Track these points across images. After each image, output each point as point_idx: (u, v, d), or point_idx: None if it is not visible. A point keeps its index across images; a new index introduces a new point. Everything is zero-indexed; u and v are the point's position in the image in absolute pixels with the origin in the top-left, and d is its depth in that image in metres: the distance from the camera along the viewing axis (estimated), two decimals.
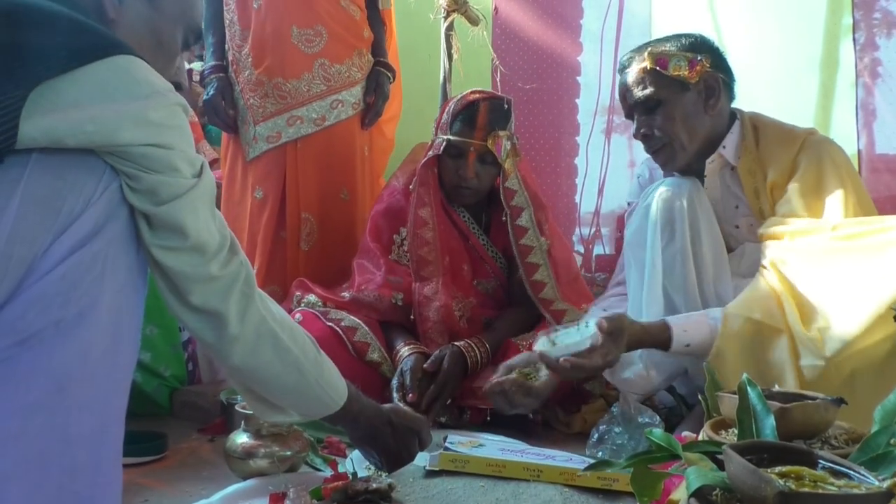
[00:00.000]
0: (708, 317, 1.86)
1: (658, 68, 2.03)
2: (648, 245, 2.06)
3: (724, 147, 2.07)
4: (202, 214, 1.15)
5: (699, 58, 2.04)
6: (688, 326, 1.84)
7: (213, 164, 3.27)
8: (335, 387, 1.42)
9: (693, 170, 2.10)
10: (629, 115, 2.13)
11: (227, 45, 2.76)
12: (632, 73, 2.08)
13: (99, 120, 1.03)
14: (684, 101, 2.04)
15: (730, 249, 2.10)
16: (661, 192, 2.06)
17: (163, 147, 1.08)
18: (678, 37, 2.10)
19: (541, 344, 1.89)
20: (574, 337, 1.87)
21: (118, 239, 1.10)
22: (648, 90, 2.04)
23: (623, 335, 1.83)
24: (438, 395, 2.10)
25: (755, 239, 2.03)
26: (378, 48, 2.84)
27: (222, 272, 1.19)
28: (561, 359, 1.82)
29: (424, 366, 2.15)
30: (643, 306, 2.04)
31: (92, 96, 1.04)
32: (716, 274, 2.03)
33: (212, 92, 2.69)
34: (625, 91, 2.11)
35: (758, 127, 2.09)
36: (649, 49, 2.06)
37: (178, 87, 1.28)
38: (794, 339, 1.74)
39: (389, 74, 2.84)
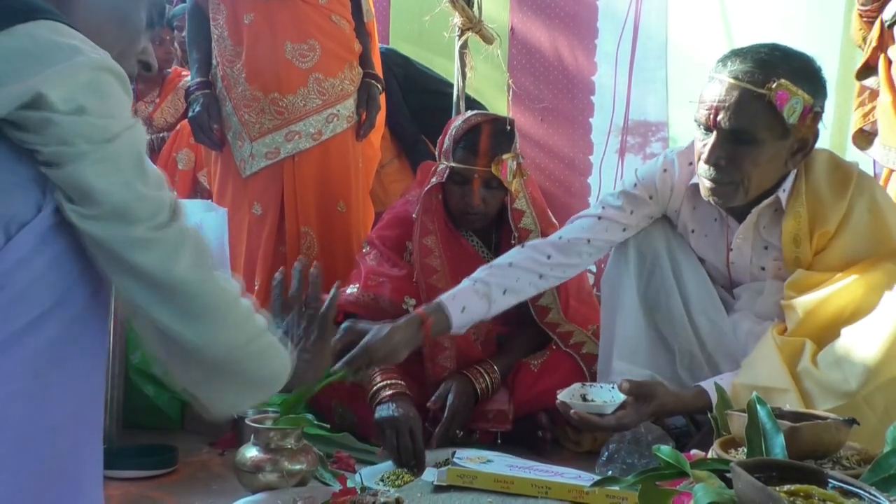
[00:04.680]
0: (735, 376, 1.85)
1: (776, 103, 1.75)
2: (621, 285, 2.07)
3: (783, 190, 1.89)
4: (115, 176, 1.05)
5: (816, 108, 1.80)
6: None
7: None
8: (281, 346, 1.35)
9: (734, 209, 1.97)
10: (709, 127, 1.84)
11: (214, 61, 2.75)
12: (742, 90, 1.78)
13: (3, 91, 0.98)
14: (776, 149, 1.81)
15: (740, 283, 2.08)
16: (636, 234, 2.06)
17: (67, 114, 1.01)
18: (806, 62, 1.84)
19: (567, 393, 1.84)
20: (605, 396, 1.84)
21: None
22: (750, 126, 1.78)
23: (651, 402, 1.78)
24: (447, 431, 2.07)
25: (780, 279, 1.97)
26: (366, 60, 2.86)
27: (152, 235, 1.08)
28: (572, 411, 1.77)
29: (428, 404, 2.10)
30: (614, 344, 2.06)
31: (8, 66, 0.99)
32: (704, 304, 2.03)
33: (197, 109, 2.69)
34: (721, 103, 1.80)
35: (807, 161, 1.91)
36: (781, 79, 1.76)
37: (147, 67, 1.26)
38: (801, 390, 1.72)
39: (379, 86, 2.86)
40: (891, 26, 2.43)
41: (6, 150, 1.02)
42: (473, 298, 1.96)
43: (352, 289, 2.28)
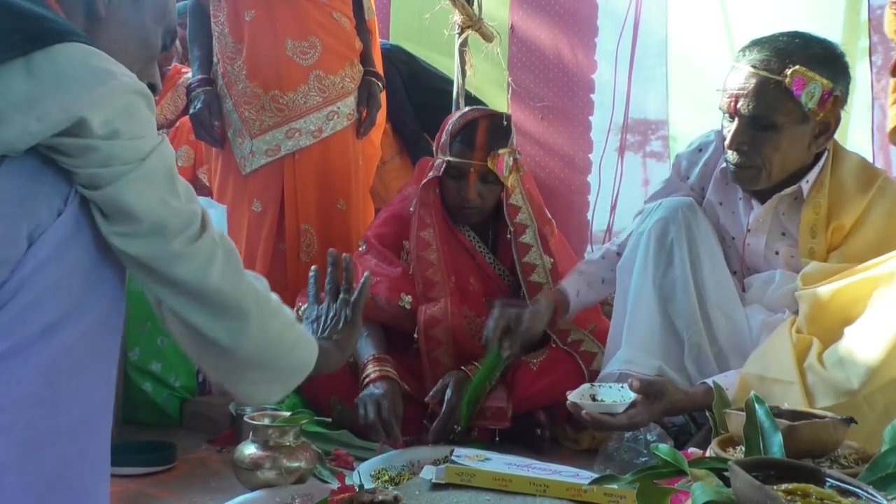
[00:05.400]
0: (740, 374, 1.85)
1: (793, 89, 1.81)
2: (636, 271, 2.07)
3: (806, 181, 1.94)
4: (151, 193, 1.10)
5: (836, 92, 1.84)
6: (728, 385, 1.79)
7: None
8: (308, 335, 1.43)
9: (759, 192, 2.00)
10: (731, 114, 1.91)
11: (215, 58, 2.75)
12: (760, 77, 1.85)
13: (45, 117, 1.01)
14: (796, 133, 1.87)
15: (757, 270, 2.08)
16: (656, 218, 2.07)
17: (104, 139, 1.05)
18: (826, 47, 1.88)
19: (577, 394, 1.85)
20: (614, 396, 1.85)
21: (98, 237, 1.10)
22: (768, 112, 1.85)
23: (661, 401, 1.79)
24: (445, 425, 2.07)
25: (791, 268, 1.98)
26: (366, 58, 2.87)
27: (187, 249, 1.14)
28: (584, 412, 1.79)
29: (426, 399, 2.11)
30: (624, 333, 2.07)
31: (44, 87, 1.02)
32: (720, 298, 2.03)
33: (199, 106, 2.69)
34: (741, 91, 1.87)
35: (835, 156, 1.95)
36: (798, 65, 1.82)
37: (152, 88, 1.29)
38: (805, 385, 1.72)
39: (379, 83, 2.87)
40: None
41: (31, 160, 1.05)
42: (583, 285, 2.24)
43: None
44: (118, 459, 1.78)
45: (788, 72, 1.81)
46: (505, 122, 2.32)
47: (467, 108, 2.43)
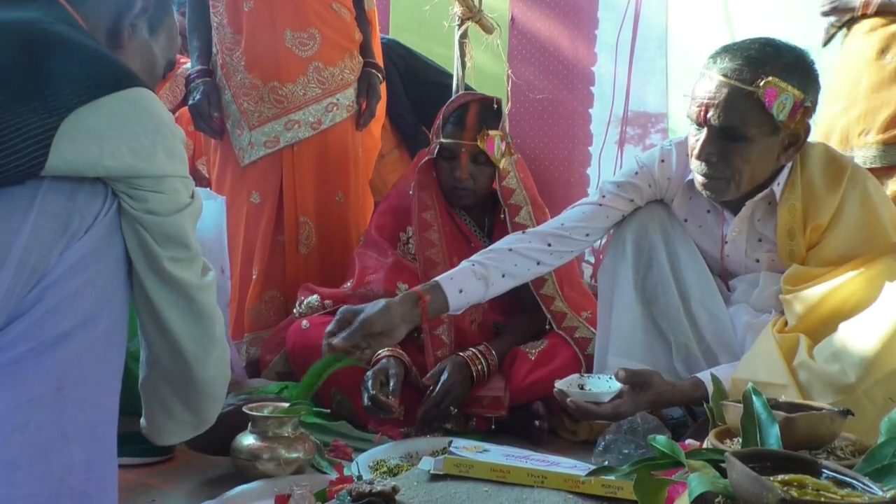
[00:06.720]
0: (734, 368, 1.85)
1: (765, 100, 1.76)
2: (617, 277, 2.08)
3: (777, 184, 1.90)
4: (193, 227, 1.25)
5: (807, 103, 1.79)
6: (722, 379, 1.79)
7: None
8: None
9: (730, 202, 1.97)
10: (700, 123, 1.85)
11: (214, 49, 2.75)
12: (731, 87, 1.79)
13: (117, 156, 1.12)
14: (766, 144, 1.81)
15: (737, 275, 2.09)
16: (633, 223, 2.07)
17: (169, 176, 1.18)
18: (798, 56, 1.83)
19: (565, 382, 1.87)
20: (602, 386, 1.87)
21: (117, 256, 1.18)
22: (739, 123, 1.79)
23: (647, 391, 1.80)
24: (437, 405, 2.09)
25: (774, 271, 1.98)
26: (366, 49, 2.87)
27: (208, 282, 1.29)
28: (569, 399, 1.81)
29: (424, 379, 2.13)
30: (610, 338, 2.08)
31: (111, 127, 1.12)
32: (702, 295, 2.03)
33: (198, 97, 2.69)
34: (711, 100, 1.81)
35: (803, 153, 1.92)
36: (770, 76, 1.76)
37: None
38: (798, 387, 1.72)
39: (379, 75, 2.87)
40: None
41: (69, 179, 1.12)
42: (471, 280, 1.95)
43: (347, 284, 2.37)
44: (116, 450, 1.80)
45: (761, 83, 1.76)
46: (496, 106, 2.39)
47: (460, 94, 2.51)
